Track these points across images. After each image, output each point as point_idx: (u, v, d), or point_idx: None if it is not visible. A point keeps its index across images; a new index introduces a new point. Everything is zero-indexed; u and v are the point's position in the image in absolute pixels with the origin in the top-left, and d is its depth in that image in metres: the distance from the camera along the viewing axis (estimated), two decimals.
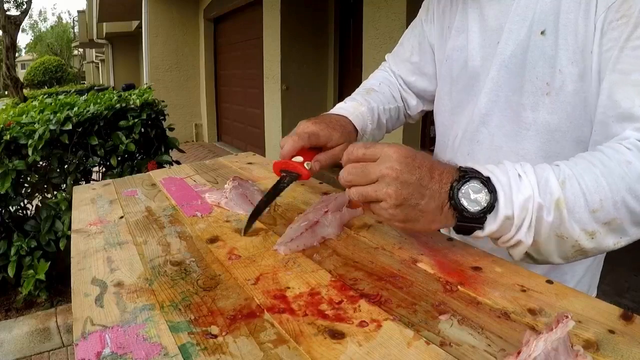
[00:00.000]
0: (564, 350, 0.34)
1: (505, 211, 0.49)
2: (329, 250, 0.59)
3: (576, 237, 0.51)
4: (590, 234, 0.51)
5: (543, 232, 0.50)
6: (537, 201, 0.49)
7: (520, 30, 0.61)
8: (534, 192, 0.50)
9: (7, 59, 10.55)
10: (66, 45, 37.18)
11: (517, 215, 0.49)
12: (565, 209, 0.50)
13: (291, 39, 4.64)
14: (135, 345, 0.41)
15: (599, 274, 0.74)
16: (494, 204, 0.49)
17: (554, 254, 0.52)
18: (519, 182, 0.50)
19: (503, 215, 0.49)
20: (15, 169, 2.19)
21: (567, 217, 0.50)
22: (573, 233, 0.50)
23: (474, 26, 0.69)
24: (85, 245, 0.63)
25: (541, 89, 0.61)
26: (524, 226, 0.50)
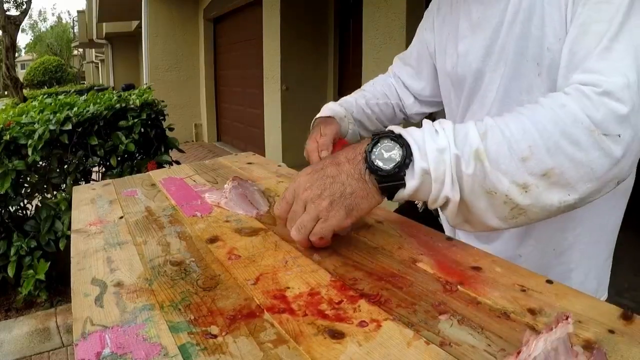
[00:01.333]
0: (564, 350, 0.34)
1: (421, 163, 0.48)
2: (329, 250, 0.59)
3: (505, 191, 0.47)
4: (522, 187, 0.47)
5: (467, 186, 0.48)
6: (454, 152, 0.48)
7: (515, 23, 0.63)
8: (450, 143, 0.48)
9: (7, 59, 10.55)
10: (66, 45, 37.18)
11: (433, 168, 0.48)
12: (487, 160, 0.47)
13: (291, 39, 4.64)
14: (135, 346, 0.41)
15: (608, 272, 0.73)
16: (408, 158, 0.49)
17: (488, 213, 0.50)
18: (435, 136, 0.49)
19: (419, 168, 0.48)
20: (15, 169, 2.19)
21: (489, 168, 0.47)
22: (501, 186, 0.47)
23: (477, 28, 0.70)
24: (85, 245, 0.63)
25: (533, 70, 0.62)
26: (447, 181, 0.48)
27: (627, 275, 2.53)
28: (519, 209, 0.48)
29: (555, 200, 0.48)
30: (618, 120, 0.46)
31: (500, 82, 0.66)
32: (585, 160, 0.46)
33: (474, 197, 0.49)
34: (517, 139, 0.47)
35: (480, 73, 0.70)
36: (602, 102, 0.47)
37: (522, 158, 0.47)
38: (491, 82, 0.68)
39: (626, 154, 0.47)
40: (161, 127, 2.65)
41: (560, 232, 0.67)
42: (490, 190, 0.48)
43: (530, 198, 0.48)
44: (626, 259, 2.59)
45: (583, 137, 0.46)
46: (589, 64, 0.50)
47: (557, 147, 0.46)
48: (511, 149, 0.47)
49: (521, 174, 0.47)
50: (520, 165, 0.47)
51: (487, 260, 0.54)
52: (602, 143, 0.46)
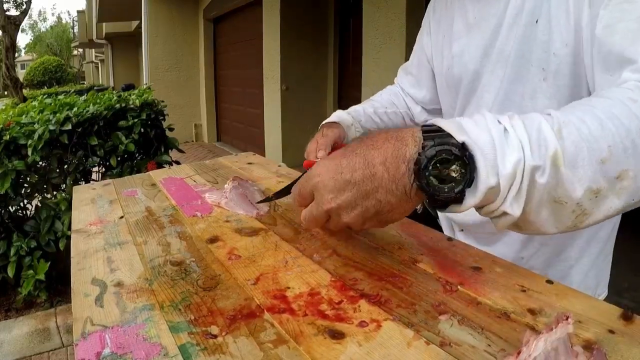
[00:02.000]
0: (564, 350, 0.34)
1: (487, 182, 0.40)
2: (329, 250, 0.59)
3: (579, 200, 0.40)
4: (595, 193, 0.40)
5: (536, 197, 0.40)
6: (530, 164, 0.39)
7: (517, 25, 0.62)
8: (525, 150, 0.40)
9: (7, 59, 10.55)
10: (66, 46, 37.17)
11: (503, 185, 0.40)
12: (564, 165, 0.40)
13: (291, 39, 4.64)
14: (135, 345, 0.41)
15: (608, 269, 0.73)
16: (472, 174, 0.40)
17: (547, 223, 0.42)
18: (504, 141, 0.40)
19: (485, 187, 0.40)
20: (15, 169, 2.19)
21: (566, 175, 0.40)
22: (575, 195, 0.40)
23: (473, 29, 0.69)
24: (85, 245, 0.63)
25: (538, 75, 0.61)
26: (511, 195, 0.40)
27: (627, 275, 2.52)
28: (585, 215, 0.42)
29: (620, 206, 0.41)
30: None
31: (500, 86, 0.66)
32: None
33: (539, 207, 0.41)
34: (596, 137, 0.40)
35: (477, 74, 0.69)
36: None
37: (601, 160, 0.40)
38: (489, 84, 0.68)
39: None
40: (161, 127, 2.65)
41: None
42: (561, 200, 0.41)
43: (598, 203, 0.41)
44: (626, 259, 2.59)
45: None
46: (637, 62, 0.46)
47: (634, 145, 0.40)
48: (590, 149, 0.40)
49: (597, 178, 0.40)
50: (598, 168, 0.40)
51: (487, 261, 0.54)
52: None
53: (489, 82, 0.68)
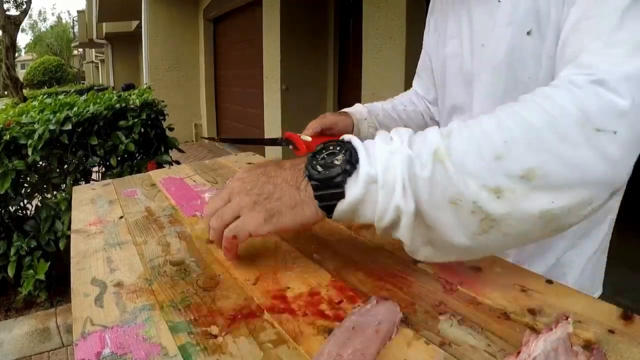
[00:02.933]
0: (563, 350, 0.34)
1: (366, 168, 0.41)
2: (329, 250, 0.59)
3: (473, 197, 0.39)
4: (494, 191, 0.39)
5: (424, 193, 0.40)
6: (406, 153, 0.40)
7: (507, 33, 0.61)
8: (402, 144, 0.41)
9: (7, 59, 10.55)
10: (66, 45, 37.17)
11: (381, 173, 0.40)
12: (449, 160, 0.39)
13: (291, 39, 4.64)
14: (135, 346, 0.41)
15: (602, 268, 0.73)
16: (353, 164, 0.42)
17: (453, 228, 0.40)
18: (388, 141, 0.42)
19: (364, 174, 0.41)
20: (15, 169, 2.19)
21: (452, 169, 0.39)
22: (468, 191, 0.39)
23: (466, 31, 0.69)
24: (85, 245, 0.63)
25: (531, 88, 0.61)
26: (397, 188, 0.40)
27: (626, 275, 2.53)
28: (490, 220, 0.40)
29: (536, 210, 0.39)
30: (615, 115, 0.39)
31: (493, 88, 0.65)
32: (574, 159, 0.38)
33: (434, 209, 0.40)
34: (490, 133, 0.40)
35: (468, 74, 0.69)
36: (596, 92, 0.40)
37: (495, 156, 0.39)
38: (483, 87, 0.67)
39: (623, 156, 0.39)
40: (161, 127, 2.66)
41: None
42: (455, 198, 0.39)
43: (504, 206, 0.39)
44: (625, 258, 2.59)
45: (573, 130, 0.38)
46: (583, 57, 0.44)
47: (541, 141, 0.39)
48: (481, 146, 0.39)
49: (493, 175, 0.39)
50: (493, 164, 0.39)
51: (487, 261, 0.54)
52: (595, 140, 0.38)
53: (481, 84, 0.67)
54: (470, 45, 0.68)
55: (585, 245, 0.69)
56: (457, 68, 0.72)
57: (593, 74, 0.41)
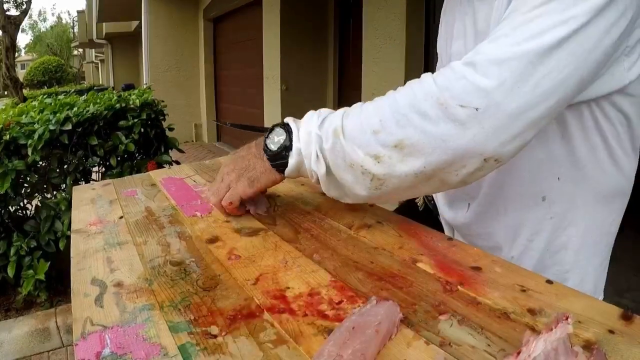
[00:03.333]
0: (563, 350, 0.34)
1: (296, 144, 0.59)
2: (329, 250, 0.59)
3: (360, 162, 0.53)
4: (375, 158, 0.51)
5: (330, 160, 0.56)
6: (316, 132, 0.57)
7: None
8: (315, 126, 0.57)
9: (7, 59, 10.54)
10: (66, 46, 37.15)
11: (303, 146, 0.58)
12: (343, 135, 0.54)
13: (291, 39, 4.64)
14: (135, 345, 0.41)
15: (605, 272, 0.73)
16: (290, 140, 0.60)
17: (355, 185, 0.55)
18: (309, 121, 0.59)
19: (296, 148, 0.59)
20: (15, 169, 2.19)
21: (344, 142, 0.53)
22: (356, 157, 0.53)
23: (470, 32, 0.70)
24: (85, 245, 0.63)
25: None
26: (312, 157, 0.57)
27: (627, 275, 2.53)
28: (377, 179, 0.53)
29: (411, 171, 0.51)
30: (478, 94, 0.46)
31: None
32: (435, 132, 0.48)
33: (339, 171, 0.55)
34: (370, 114, 0.52)
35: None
36: (463, 74, 0.47)
37: (373, 131, 0.51)
38: None
39: (485, 129, 0.46)
40: (161, 127, 2.66)
41: (550, 231, 0.67)
42: (349, 163, 0.54)
43: (384, 168, 0.51)
44: (626, 259, 2.59)
45: (432, 109, 0.48)
46: (482, 44, 0.50)
47: (406, 119, 0.49)
48: (363, 124, 0.52)
49: (373, 146, 0.51)
50: (372, 137, 0.51)
51: (487, 261, 0.54)
52: (455, 115, 0.47)
53: None
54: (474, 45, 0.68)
55: (587, 252, 0.69)
56: None
57: (469, 57, 0.49)
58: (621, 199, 0.67)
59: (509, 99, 0.46)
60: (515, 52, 0.47)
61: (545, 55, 0.46)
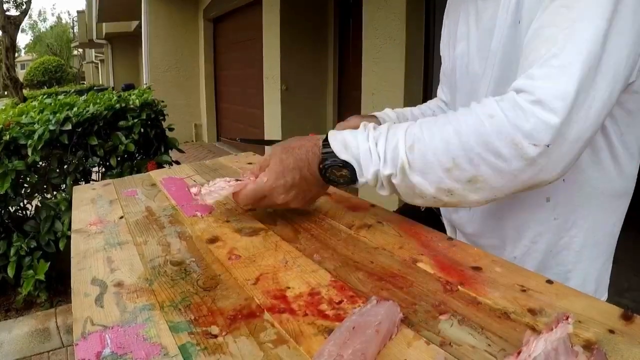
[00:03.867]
0: (563, 350, 0.34)
1: (362, 180, 0.59)
2: (329, 250, 0.59)
3: (432, 194, 0.54)
4: (447, 192, 0.53)
5: (400, 191, 0.57)
6: (383, 173, 0.57)
7: (505, 26, 0.62)
8: (380, 165, 0.57)
9: (7, 59, 10.54)
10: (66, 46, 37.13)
11: (371, 181, 0.59)
12: (411, 170, 0.54)
13: (291, 39, 4.64)
14: (135, 345, 0.41)
15: (608, 273, 0.73)
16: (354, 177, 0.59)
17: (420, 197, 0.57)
18: (369, 158, 0.58)
19: (362, 183, 0.60)
20: (14, 169, 2.19)
21: (415, 178, 0.54)
22: (428, 192, 0.54)
23: (473, 32, 0.70)
24: (85, 245, 0.63)
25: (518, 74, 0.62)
26: (383, 187, 0.59)
27: (627, 275, 2.53)
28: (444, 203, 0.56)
29: (483, 199, 0.53)
30: (548, 131, 0.47)
31: (488, 87, 0.66)
32: (507, 170, 0.49)
33: (409, 198, 0.58)
34: (439, 150, 0.52)
35: (475, 76, 0.69)
36: (533, 112, 0.48)
37: (446, 169, 0.52)
38: (484, 87, 0.67)
39: (553, 160, 0.49)
40: (161, 127, 2.65)
41: (553, 233, 0.67)
42: (421, 195, 0.55)
43: (456, 198, 0.53)
44: (626, 259, 2.59)
45: (505, 149, 0.49)
46: (532, 69, 0.51)
47: (480, 158, 0.50)
48: (434, 161, 0.52)
49: (445, 182, 0.52)
50: (444, 174, 0.52)
51: (487, 261, 0.54)
52: (526, 154, 0.48)
53: (484, 84, 0.68)
54: (478, 45, 0.68)
55: (590, 252, 0.69)
56: (465, 69, 0.72)
57: (533, 94, 0.49)
58: (624, 199, 0.67)
59: (571, 128, 0.48)
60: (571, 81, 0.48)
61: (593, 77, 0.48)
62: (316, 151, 0.62)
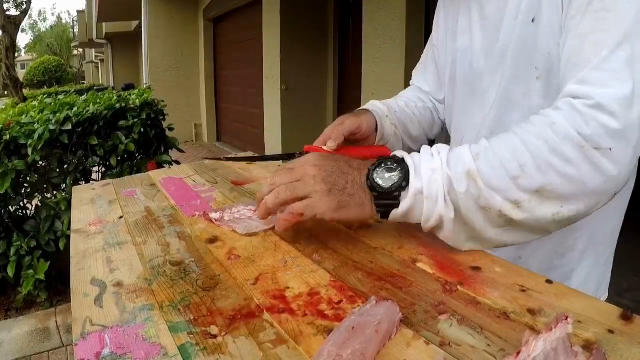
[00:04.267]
0: (563, 350, 0.34)
1: (415, 184, 0.51)
2: (329, 250, 0.59)
3: (499, 207, 0.49)
4: (515, 203, 0.49)
5: (461, 204, 0.50)
6: (446, 172, 0.51)
7: (515, 23, 0.62)
8: (442, 164, 0.51)
9: (7, 59, 10.54)
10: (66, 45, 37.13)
11: (426, 187, 0.51)
12: (480, 179, 0.49)
13: (291, 39, 4.64)
14: (134, 346, 0.41)
15: (608, 273, 0.73)
16: (406, 181, 0.52)
17: (485, 227, 0.51)
18: (430, 159, 0.52)
19: (414, 189, 0.51)
20: (15, 169, 2.19)
21: (482, 186, 0.49)
22: (494, 202, 0.49)
23: (476, 26, 0.69)
24: (85, 245, 0.63)
25: (532, 74, 0.61)
26: (439, 200, 0.51)
27: (627, 276, 2.52)
28: (514, 222, 0.50)
29: (549, 214, 0.49)
30: (610, 135, 0.46)
31: (500, 84, 0.65)
32: (576, 176, 0.47)
33: (470, 214, 0.51)
34: (508, 158, 0.49)
35: (479, 72, 0.69)
36: (593, 116, 0.47)
37: (513, 177, 0.49)
38: (491, 84, 0.67)
39: (619, 168, 0.47)
40: (161, 127, 2.65)
41: (560, 235, 0.67)
42: (485, 206, 0.50)
43: (523, 212, 0.49)
44: (626, 259, 2.59)
45: (573, 153, 0.47)
46: (584, 74, 0.50)
47: (548, 164, 0.48)
48: (502, 168, 0.49)
49: (513, 191, 0.49)
50: (512, 183, 0.49)
51: (487, 261, 0.54)
52: (593, 158, 0.47)
53: (491, 82, 0.67)
54: (483, 40, 0.68)
55: (592, 252, 0.69)
56: (468, 63, 0.71)
57: (591, 98, 0.48)
58: (624, 198, 0.67)
59: (634, 134, 0.47)
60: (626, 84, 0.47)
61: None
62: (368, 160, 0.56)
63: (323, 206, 0.53)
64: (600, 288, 0.72)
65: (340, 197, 0.53)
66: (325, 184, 0.53)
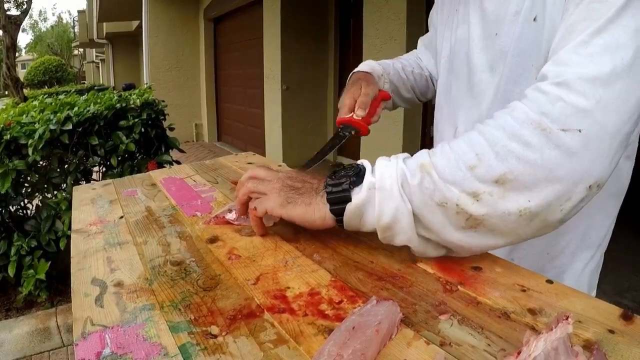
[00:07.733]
0: (563, 350, 0.34)
1: (369, 178, 0.50)
2: (329, 250, 0.59)
3: (456, 201, 0.46)
4: (473, 196, 0.45)
5: (416, 198, 0.47)
6: (400, 167, 0.49)
7: (516, 21, 0.61)
8: (398, 161, 0.50)
9: (8, 59, 10.55)
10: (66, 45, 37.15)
11: (378, 179, 0.49)
12: (434, 171, 0.47)
13: (291, 38, 4.64)
14: (135, 345, 0.41)
15: (598, 272, 0.73)
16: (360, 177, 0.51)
17: (446, 227, 0.47)
18: (387, 161, 0.51)
19: (368, 182, 0.50)
20: (15, 169, 2.19)
21: (437, 178, 0.46)
22: (451, 196, 0.46)
23: (475, 17, 0.68)
24: (85, 245, 0.63)
25: (533, 74, 0.60)
26: (394, 194, 0.48)
27: (627, 275, 2.52)
28: (474, 219, 0.46)
29: (514, 209, 0.45)
30: (578, 114, 0.43)
31: (499, 84, 0.65)
32: (539, 161, 0.43)
33: (427, 211, 0.47)
34: (462, 149, 0.47)
35: (478, 69, 0.68)
36: (559, 96, 0.44)
37: (469, 166, 0.45)
38: (489, 83, 0.67)
39: (592, 154, 0.43)
40: (161, 126, 2.66)
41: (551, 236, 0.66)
42: (441, 202, 0.46)
43: (483, 207, 0.45)
44: (626, 259, 2.59)
45: (534, 137, 0.44)
46: (559, 55, 0.48)
47: (507, 150, 0.44)
48: (458, 159, 0.46)
49: (470, 182, 0.45)
50: (468, 173, 0.45)
51: (487, 260, 0.54)
52: (558, 141, 0.43)
53: (489, 79, 0.66)
54: (480, 35, 0.67)
55: (583, 254, 0.69)
56: (464, 56, 0.71)
57: (559, 76, 0.45)
58: (617, 199, 0.67)
59: (608, 116, 0.43)
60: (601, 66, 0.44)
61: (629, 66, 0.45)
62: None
63: (271, 202, 0.56)
64: (591, 289, 0.72)
65: (290, 194, 0.56)
66: (281, 183, 0.57)
